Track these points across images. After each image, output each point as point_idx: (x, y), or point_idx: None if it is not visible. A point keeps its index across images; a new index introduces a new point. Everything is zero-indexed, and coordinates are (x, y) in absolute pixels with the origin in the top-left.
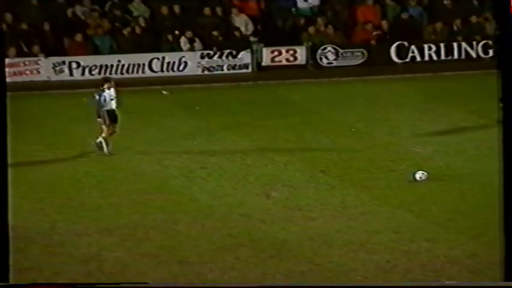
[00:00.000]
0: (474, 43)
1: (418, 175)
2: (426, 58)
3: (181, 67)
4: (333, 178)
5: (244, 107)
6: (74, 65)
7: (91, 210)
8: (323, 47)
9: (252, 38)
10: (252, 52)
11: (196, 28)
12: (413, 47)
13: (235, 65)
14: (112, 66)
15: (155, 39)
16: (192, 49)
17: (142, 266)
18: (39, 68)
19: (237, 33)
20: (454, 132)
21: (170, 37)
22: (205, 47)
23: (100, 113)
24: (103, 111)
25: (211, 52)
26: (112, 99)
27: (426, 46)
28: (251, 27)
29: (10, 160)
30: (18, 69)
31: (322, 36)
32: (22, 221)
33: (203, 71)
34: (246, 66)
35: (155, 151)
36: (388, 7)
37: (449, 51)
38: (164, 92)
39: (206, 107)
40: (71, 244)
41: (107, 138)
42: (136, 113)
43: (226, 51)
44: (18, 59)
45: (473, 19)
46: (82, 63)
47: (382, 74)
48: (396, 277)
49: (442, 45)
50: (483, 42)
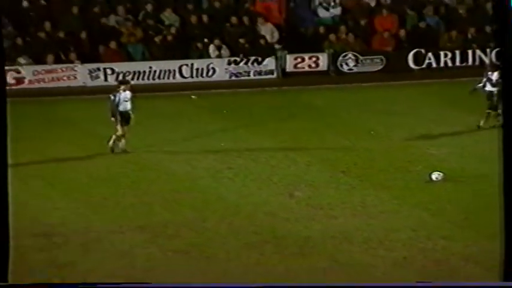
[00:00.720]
0: (488, 50)
1: (434, 176)
2: (442, 65)
3: (209, 73)
4: (353, 178)
5: (269, 111)
6: (109, 71)
7: (125, 209)
8: (344, 54)
9: (277, 46)
10: (277, 59)
11: (223, 36)
12: (429, 54)
13: (260, 71)
14: (144, 72)
15: (185, 46)
16: (220, 56)
17: (172, 262)
18: (75, 74)
19: (262, 41)
20: (468, 135)
21: (199, 45)
22: (232, 54)
23: (114, 113)
24: (117, 111)
25: (237, 59)
26: (126, 100)
27: (442, 53)
28: (276, 35)
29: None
30: (56, 75)
31: (342, 43)
32: (59, 219)
33: (230, 77)
34: (271, 72)
35: (185, 152)
36: (408, 16)
37: (464, 58)
38: (193, 97)
39: (233, 111)
40: (106, 241)
41: (120, 136)
42: (167, 117)
43: (252, 58)
44: (56, 66)
45: (487, 28)
46: (116, 69)
47: (400, 80)
48: (413, 273)
49: (458, 52)
50: (497, 49)
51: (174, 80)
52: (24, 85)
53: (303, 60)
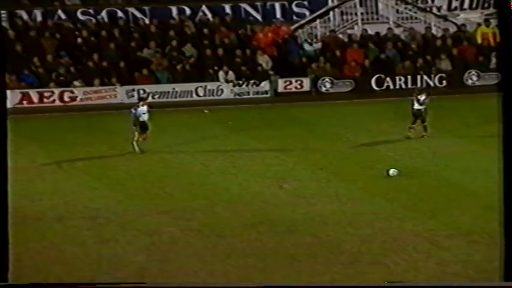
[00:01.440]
0: (432, 76)
1: (391, 172)
2: (397, 87)
3: (219, 93)
4: (329, 174)
5: (264, 122)
6: (141, 92)
7: (152, 197)
8: (322, 78)
9: (271, 72)
10: (271, 82)
11: (230, 65)
12: (388, 79)
13: (258, 92)
14: (168, 92)
15: (200, 72)
16: (227, 80)
17: (189, 238)
18: (116, 94)
19: (260, 68)
20: (416, 141)
21: (211, 71)
22: (236, 78)
23: (135, 123)
24: (138, 122)
25: (240, 82)
26: (144, 113)
27: (398, 78)
28: (270, 64)
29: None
30: (100, 94)
31: (321, 70)
32: (103, 205)
33: (234, 96)
34: (266, 92)
35: (199, 154)
36: (371, 50)
37: (414, 81)
38: (206, 111)
39: (236, 122)
40: (138, 222)
41: (138, 141)
42: (185, 126)
43: (251, 81)
44: (101, 87)
45: (431, 59)
46: (147, 90)
47: (365, 98)
48: (375, 247)
49: (409, 77)
50: (438, 75)
51: (192, 98)
52: (76, 102)
53: (291, 83)
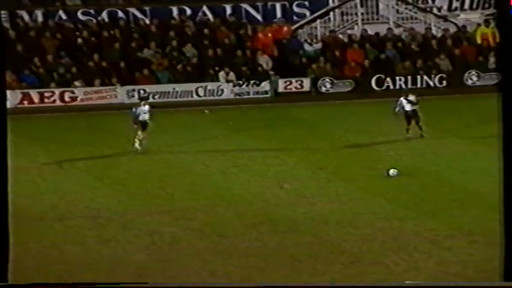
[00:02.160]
0: (432, 76)
1: (391, 172)
2: (397, 87)
3: (219, 93)
4: (329, 174)
5: (264, 122)
6: (142, 92)
7: (153, 197)
8: (322, 78)
9: (271, 72)
10: (271, 82)
11: (231, 65)
12: (388, 79)
13: (258, 92)
14: (169, 92)
15: (200, 73)
16: (227, 80)
17: (190, 238)
18: (116, 94)
19: (260, 68)
20: (417, 140)
21: (211, 71)
22: (237, 79)
23: (135, 122)
24: (138, 120)
25: (241, 82)
26: (145, 113)
27: (398, 78)
28: (270, 64)
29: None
30: (101, 94)
31: (321, 70)
32: (104, 205)
33: (235, 96)
34: (266, 92)
35: (200, 154)
36: (370, 50)
37: (414, 81)
38: (206, 111)
39: (237, 122)
40: (139, 222)
41: (140, 140)
42: (186, 127)
43: (252, 81)
44: (101, 87)
45: (431, 59)
46: (147, 90)
47: (365, 99)
48: (375, 246)
49: (409, 77)
50: (438, 75)
51: (192, 99)
52: (77, 102)
53: (291, 83)
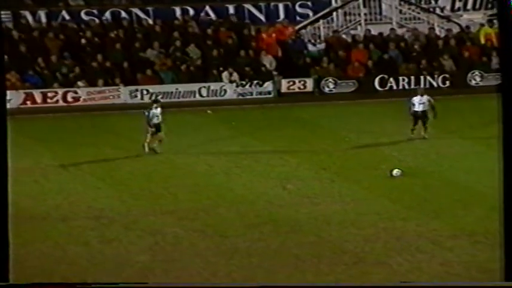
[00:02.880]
0: (435, 76)
1: (395, 172)
2: (400, 87)
3: (222, 93)
4: (332, 174)
5: (267, 123)
6: (145, 92)
7: (157, 197)
8: (325, 79)
9: (274, 72)
10: (274, 82)
11: (234, 65)
12: (391, 79)
13: (261, 92)
14: (172, 92)
15: (204, 73)
16: (231, 80)
17: (193, 239)
18: (119, 94)
19: (264, 68)
20: (420, 141)
21: (215, 72)
22: (240, 79)
23: (150, 124)
24: (151, 123)
25: (244, 82)
26: (157, 115)
27: (401, 78)
28: (274, 64)
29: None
30: (104, 95)
31: (325, 71)
32: (107, 205)
33: (238, 96)
34: (269, 92)
35: (203, 154)
36: (374, 50)
37: (417, 82)
38: (209, 112)
39: (240, 123)
40: (142, 222)
41: (150, 142)
42: (189, 127)
43: (255, 81)
44: (104, 88)
45: (435, 59)
46: (150, 90)
47: (368, 99)
48: (378, 247)
49: (412, 77)
50: (442, 76)
51: (195, 99)
52: (80, 102)
53: (294, 83)
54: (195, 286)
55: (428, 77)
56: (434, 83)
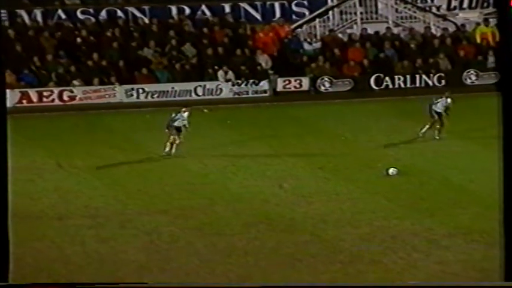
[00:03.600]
0: (431, 75)
1: (390, 171)
2: (396, 86)
3: (218, 92)
4: (328, 173)
5: (263, 122)
6: (141, 91)
7: (152, 196)
8: (321, 77)
9: (270, 71)
10: (270, 81)
11: (230, 64)
12: (387, 78)
13: (257, 91)
14: (168, 91)
15: (199, 72)
16: (226, 79)
17: (189, 237)
18: (115, 93)
19: (259, 67)
20: (416, 140)
21: (210, 70)
22: (236, 78)
23: (170, 126)
24: (173, 125)
25: (240, 81)
26: (184, 119)
27: (396, 77)
28: (270, 63)
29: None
30: (100, 94)
31: (320, 69)
32: (103, 204)
33: (234, 95)
34: (265, 91)
35: (199, 154)
36: (370, 49)
37: (413, 81)
38: (205, 110)
39: (235, 121)
40: (137, 221)
41: (172, 144)
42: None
43: (251, 80)
44: (100, 87)
45: (430, 58)
46: (146, 89)
47: (364, 98)
48: (374, 245)
49: (408, 76)
50: (437, 74)
51: (191, 98)
52: (75, 101)
53: (290, 82)
54: (195, 286)
55: (424, 76)
56: (429, 82)
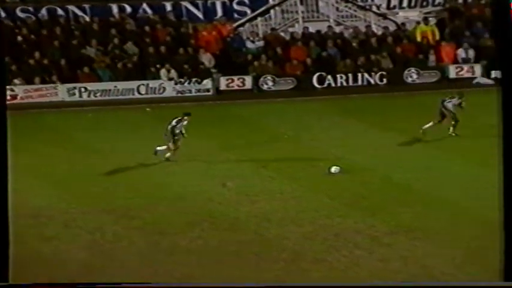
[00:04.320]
0: (373, 74)
1: (333, 169)
2: (339, 84)
3: (160, 91)
4: (272, 172)
5: (206, 120)
6: (83, 90)
7: (95, 196)
8: (264, 76)
9: (213, 70)
10: (213, 80)
11: (172, 62)
12: (329, 77)
13: (200, 89)
14: (110, 90)
15: (142, 70)
16: (169, 78)
17: (132, 236)
18: (57, 92)
19: (202, 66)
20: (359, 138)
21: (153, 69)
22: (179, 76)
23: (167, 133)
24: (172, 131)
25: (182, 80)
26: (183, 126)
27: (339, 76)
28: (213, 62)
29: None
30: (41, 92)
31: (263, 68)
32: (46, 203)
33: (177, 94)
34: (208, 90)
35: (142, 153)
36: (312, 48)
37: (355, 79)
38: (148, 109)
39: None
40: (80, 220)
41: (170, 150)
42: (127, 125)
43: (193, 79)
44: (41, 85)
45: (372, 57)
46: (88, 88)
47: (307, 96)
48: (317, 244)
49: (350, 75)
50: (379, 73)
51: (133, 96)
52: (16, 101)
53: (233, 81)
54: (196, 286)
55: (365, 75)
56: (371, 80)
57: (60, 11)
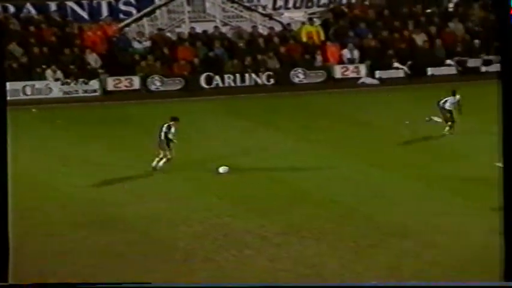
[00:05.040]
0: (260, 74)
1: (222, 169)
2: (226, 84)
3: (47, 91)
4: (161, 172)
5: (94, 121)
6: None
7: None
8: (152, 76)
9: (100, 70)
10: (100, 80)
11: (58, 63)
12: (217, 77)
13: (87, 90)
14: None
15: (28, 71)
16: (55, 78)
17: (19, 238)
18: None
19: (89, 66)
20: (247, 138)
21: (39, 70)
22: (65, 77)
23: (161, 141)
24: (166, 138)
25: (69, 80)
26: (174, 132)
27: (226, 76)
28: (99, 62)
29: None
30: None
31: (151, 68)
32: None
33: (64, 95)
34: (95, 91)
35: (28, 154)
36: (200, 48)
37: (242, 79)
38: (34, 110)
39: (66, 121)
40: None
41: (162, 157)
42: (13, 126)
43: (80, 79)
44: None
45: (259, 57)
46: None
47: (195, 96)
48: (207, 243)
49: (238, 75)
50: (266, 73)
51: (20, 97)
52: None
53: (120, 81)
54: (196, 286)
55: (253, 75)
56: (259, 81)
57: None
